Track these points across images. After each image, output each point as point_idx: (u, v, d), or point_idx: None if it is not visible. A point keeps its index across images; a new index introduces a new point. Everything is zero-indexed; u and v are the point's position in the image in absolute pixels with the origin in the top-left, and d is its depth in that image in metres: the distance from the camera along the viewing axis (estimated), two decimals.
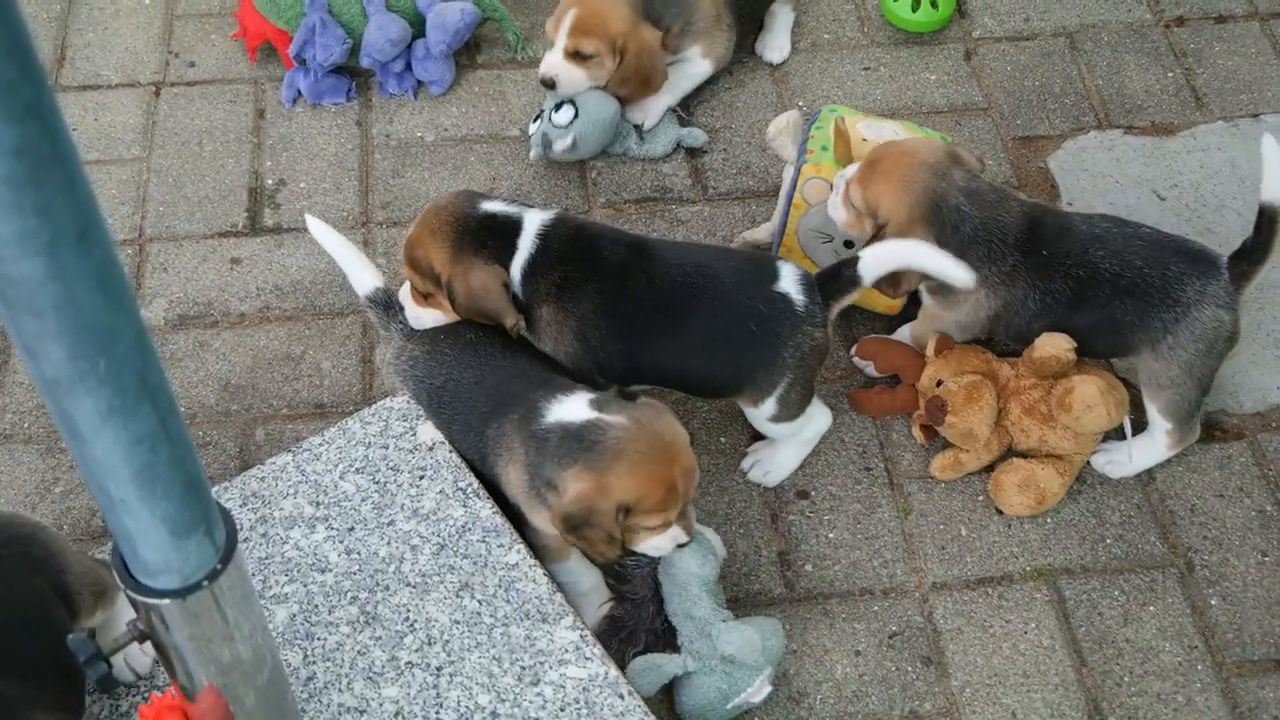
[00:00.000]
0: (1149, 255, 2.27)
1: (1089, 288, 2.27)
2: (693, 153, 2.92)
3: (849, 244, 2.48)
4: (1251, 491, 2.43)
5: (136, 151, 2.89)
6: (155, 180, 2.84)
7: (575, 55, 2.73)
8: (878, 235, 2.26)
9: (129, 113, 2.96)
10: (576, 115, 2.75)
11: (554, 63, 2.74)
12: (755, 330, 2.17)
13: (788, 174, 2.53)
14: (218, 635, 1.48)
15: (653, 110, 2.88)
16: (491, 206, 2.20)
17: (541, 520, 2.09)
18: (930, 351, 2.43)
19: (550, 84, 2.75)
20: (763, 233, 2.68)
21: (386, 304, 2.29)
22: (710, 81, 3.00)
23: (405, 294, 2.23)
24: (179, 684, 1.55)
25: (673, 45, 2.85)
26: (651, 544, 2.05)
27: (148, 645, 1.49)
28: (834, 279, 2.20)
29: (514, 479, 2.09)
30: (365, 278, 2.30)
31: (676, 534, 2.05)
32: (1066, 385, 2.30)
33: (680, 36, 2.85)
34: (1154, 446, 2.39)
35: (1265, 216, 2.23)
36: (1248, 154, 2.92)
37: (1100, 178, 2.89)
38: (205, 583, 1.39)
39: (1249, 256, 2.26)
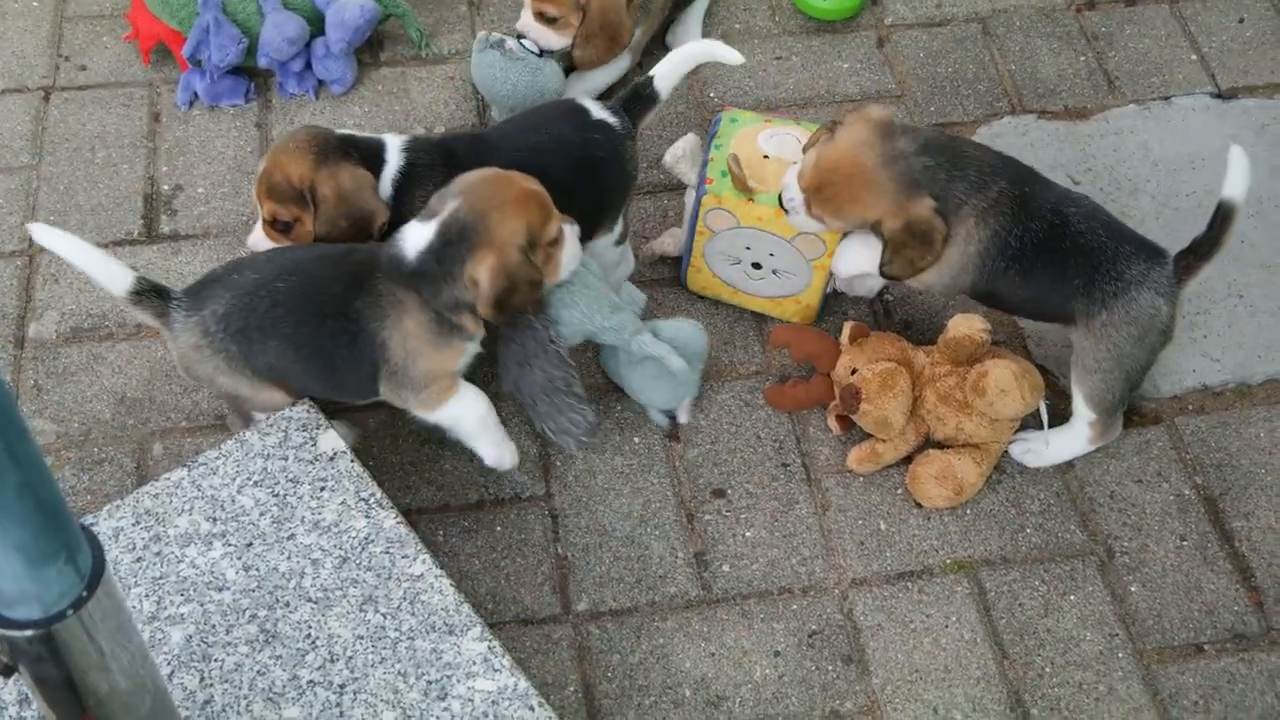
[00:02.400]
0: (1110, 227, 2.26)
1: (1057, 236, 2.23)
2: None
3: (756, 265, 2.45)
4: (1169, 476, 2.41)
5: (25, 159, 2.79)
6: (46, 188, 2.74)
7: (540, 16, 2.72)
8: (878, 232, 2.25)
9: (17, 119, 2.85)
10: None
11: (526, 22, 2.76)
12: (603, 159, 2.35)
13: (689, 199, 2.49)
14: (91, 666, 1.41)
15: (592, 88, 2.85)
16: (346, 132, 2.29)
17: (435, 362, 2.11)
18: (845, 339, 2.39)
19: (522, 38, 2.77)
20: (669, 245, 2.63)
21: (156, 291, 2.12)
22: (623, 76, 2.94)
23: (256, 238, 2.29)
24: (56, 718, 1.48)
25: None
26: (566, 258, 2.16)
27: None
28: (635, 99, 2.40)
29: (412, 329, 2.08)
30: (116, 274, 2.09)
31: (571, 229, 2.17)
32: (980, 369, 2.26)
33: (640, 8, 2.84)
34: (1074, 438, 2.36)
35: (1221, 212, 2.19)
36: (1160, 137, 2.91)
37: None
38: (70, 611, 1.32)
39: (1197, 251, 2.22)
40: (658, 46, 3.02)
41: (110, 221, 2.68)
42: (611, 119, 2.37)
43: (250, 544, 2.06)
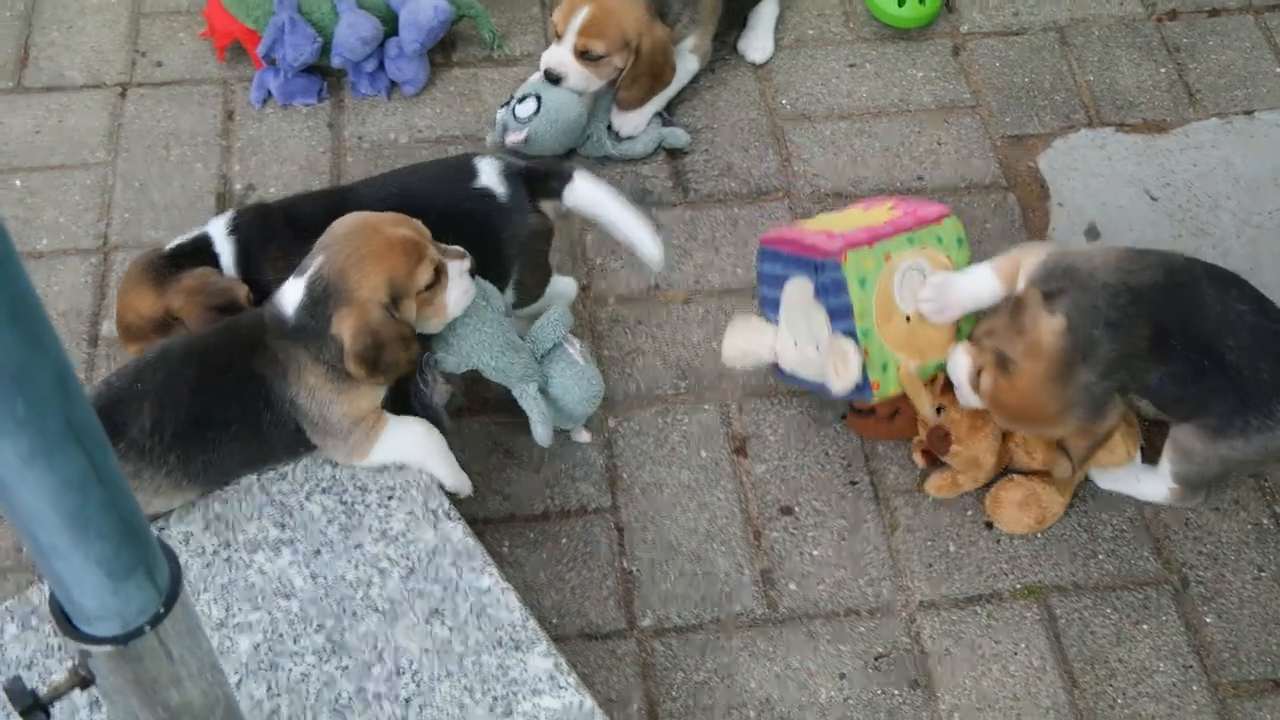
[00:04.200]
0: (1275, 357, 2.07)
1: (1202, 378, 2.08)
2: (673, 154, 2.84)
3: None
4: (1248, 505, 2.36)
5: (102, 155, 2.81)
6: (121, 185, 2.76)
7: (584, 55, 2.63)
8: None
9: (94, 115, 2.87)
10: (538, 110, 2.66)
11: (561, 59, 2.63)
12: (471, 227, 2.23)
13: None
14: (164, 679, 1.41)
15: (636, 118, 2.78)
16: (172, 244, 2.28)
17: (350, 404, 2.06)
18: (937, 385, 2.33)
19: (556, 79, 2.66)
20: (738, 355, 2.41)
21: None
22: (692, 80, 2.91)
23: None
24: None
25: (676, 38, 2.76)
26: (453, 298, 2.09)
27: None
28: (541, 180, 2.30)
29: (314, 381, 2.04)
30: None
31: (458, 267, 2.08)
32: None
33: (685, 28, 2.77)
34: (1155, 488, 2.30)
35: None
36: (1242, 152, 2.85)
37: (1091, 177, 2.81)
38: (148, 627, 1.32)
39: None
40: (728, 50, 3.00)
41: (184, 220, 2.69)
42: (499, 188, 2.27)
43: (318, 551, 2.07)
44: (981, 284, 2.19)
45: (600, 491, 2.36)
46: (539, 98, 2.66)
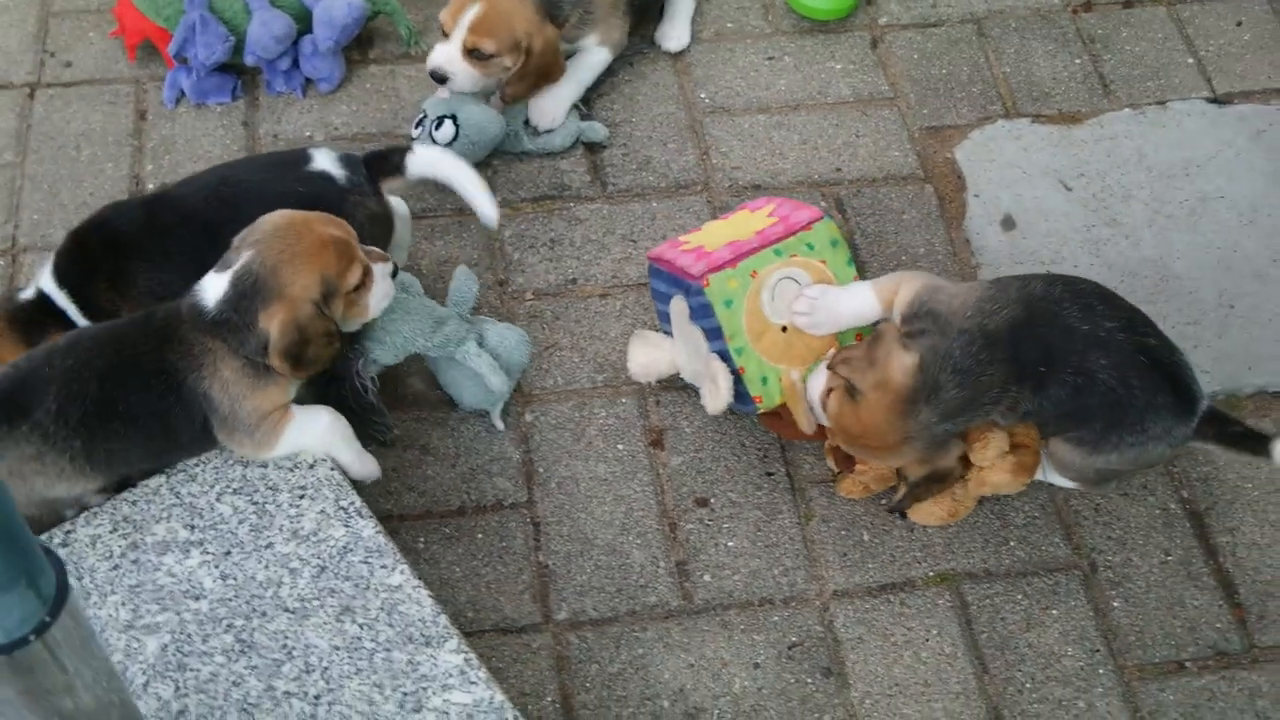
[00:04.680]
0: (1145, 379, 2.09)
1: (1082, 394, 2.10)
2: (591, 148, 2.84)
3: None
4: (1155, 489, 2.39)
5: (9, 157, 2.77)
6: (29, 187, 2.72)
7: (473, 53, 2.63)
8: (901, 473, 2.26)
9: (2, 116, 2.83)
10: (457, 136, 2.64)
11: (448, 57, 2.63)
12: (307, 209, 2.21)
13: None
14: (56, 687, 1.40)
15: (553, 111, 2.78)
16: (21, 295, 2.27)
17: (262, 399, 2.06)
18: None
19: (441, 79, 2.66)
20: (642, 368, 2.45)
21: None
22: (609, 73, 2.91)
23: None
24: None
25: (570, 35, 2.76)
26: (375, 299, 2.13)
27: None
28: (382, 160, 2.36)
29: (229, 375, 2.04)
30: None
31: (381, 269, 2.12)
32: (977, 477, 2.25)
33: (578, 26, 2.76)
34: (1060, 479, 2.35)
35: None
36: (1155, 142, 2.89)
37: (1007, 168, 2.84)
38: (32, 636, 1.31)
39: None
40: (645, 44, 3.00)
41: None
42: (335, 171, 2.30)
43: (228, 552, 2.05)
44: (861, 302, 2.25)
45: (516, 486, 2.36)
46: (455, 120, 2.65)
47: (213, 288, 2.03)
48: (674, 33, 3.01)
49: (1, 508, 1.23)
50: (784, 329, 2.28)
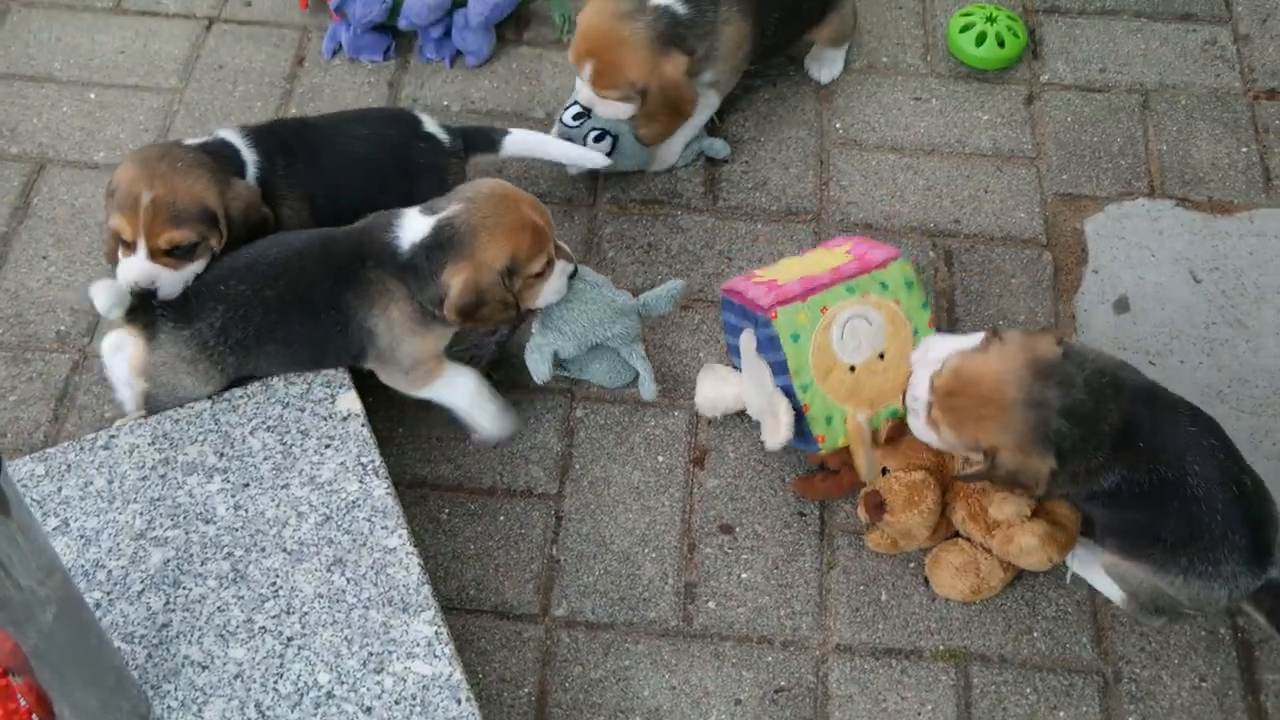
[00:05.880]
0: (1229, 503, 1.98)
1: (1161, 490, 2.00)
2: (713, 161, 2.83)
3: None
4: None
5: (174, 82, 2.95)
6: (184, 112, 2.89)
7: (603, 98, 2.62)
8: (987, 454, 2.03)
9: (177, 43, 3.01)
10: (613, 150, 2.67)
11: (588, 97, 2.63)
12: (422, 166, 2.42)
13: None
14: None
15: (669, 159, 2.79)
16: (191, 141, 2.31)
17: (418, 346, 2.19)
18: (881, 435, 2.29)
19: (587, 112, 2.68)
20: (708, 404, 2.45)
21: (144, 306, 2.16)
22: (748, 89, 2.90)
23: (137, 270, 2.14)
24: None
25: (695, 69, 2.71)
26: (547, 292, 2.24)
27: None
28: (480, 136, 2.52)
29: (398, 317, 2.15)
30: (113, 296, 2.12)
31: (563, 267, 2.24)
32: (1006, 533, 2.16)
33: (704, 60, 2.70)
34: (1112, 590, 2.22)
35: None
36: None
37: (1136, 248, 2.70)
38: None
39: None
40: (794, 67, 2.97)
41: None
42: (442, 135, 2.45)
43: (247, 484, 2.15)
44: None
45: (549, 477, 2.39)
46: (613, 136, 2.68)
47: (412, 228, 2.14)
48: (827, 65, 2.95)
49: None
50: (852, 368, 2.23)
